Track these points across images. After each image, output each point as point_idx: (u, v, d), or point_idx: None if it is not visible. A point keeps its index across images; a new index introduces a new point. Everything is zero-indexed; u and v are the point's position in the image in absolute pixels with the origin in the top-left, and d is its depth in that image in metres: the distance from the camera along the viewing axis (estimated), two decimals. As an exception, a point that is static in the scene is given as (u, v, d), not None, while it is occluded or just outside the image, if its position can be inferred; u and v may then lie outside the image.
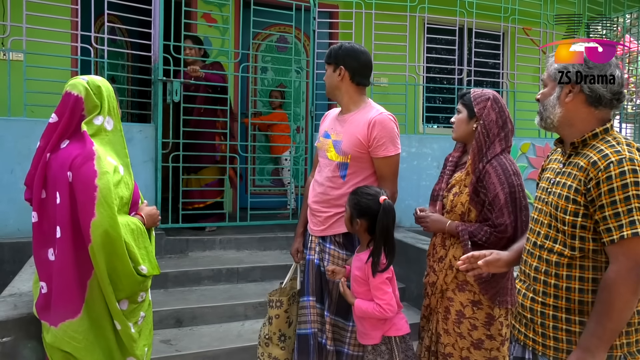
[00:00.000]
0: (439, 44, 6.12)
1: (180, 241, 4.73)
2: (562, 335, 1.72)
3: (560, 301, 1.72)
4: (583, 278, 1.69)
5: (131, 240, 2.11)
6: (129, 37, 5.76)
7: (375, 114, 2.55)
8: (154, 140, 4.61)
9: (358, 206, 2.41)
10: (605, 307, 1.59)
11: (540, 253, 1.78)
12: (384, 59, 5.61)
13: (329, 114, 2.83)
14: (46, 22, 4.41)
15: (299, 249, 2.82)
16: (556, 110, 1.76)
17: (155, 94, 4.72)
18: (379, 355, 2.43)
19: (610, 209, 1.59)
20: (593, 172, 1.63)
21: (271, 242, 4.99)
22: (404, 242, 4.54)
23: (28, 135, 4.01)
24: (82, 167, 2.02)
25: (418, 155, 5.51)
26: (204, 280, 4.32)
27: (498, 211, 2.35)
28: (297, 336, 2.69)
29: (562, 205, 1.70)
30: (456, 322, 2.45)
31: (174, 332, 3.68)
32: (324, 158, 2.66)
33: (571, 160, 1.75)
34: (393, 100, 6.00)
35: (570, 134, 1.77)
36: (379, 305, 2.35)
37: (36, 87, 4.38)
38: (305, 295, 2.65)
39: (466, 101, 2.52)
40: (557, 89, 1.76)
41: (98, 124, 2.17)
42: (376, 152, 2.55)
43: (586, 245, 1.67)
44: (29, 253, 3.71)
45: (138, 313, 2.26)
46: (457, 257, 2.45)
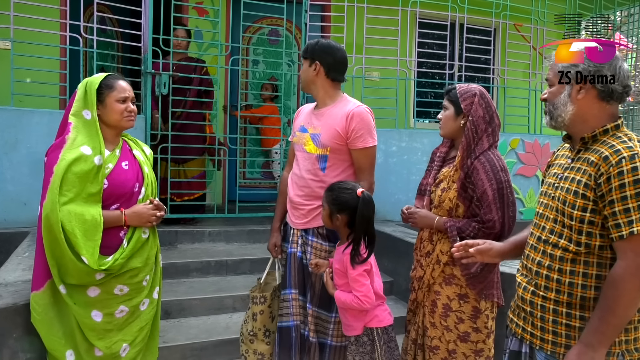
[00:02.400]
0: (431, 38, 6.12)
1: (169, 233, 4.72)
2: (561, 329, 1.72)
3: (562, 296, 1.72)
4: (587, 274, 1.68)
5: (78, 230, 2.14)
6: (119, 27, 5.72)
7: (353, 107, 2.60)
8: (143, 132, 4.58)
9: (337, 201, 2.43)
10: (610, 303, 1.58)
11: (545, 247, 1.78)
12: (375, 53, 5.61)
13: (302, 109, 2.86)
14: (34, 10, 4.36)
15: (277, 243, 2.84)
16: (568, 108, 1.75)
17: (145, 85, 4.69)
18: (361, 346, 2.46)
19: (620, 204, 1.58)
20: (604, 167, 1.62)
21: (260, 235, 4.98)
22: (393, 236, 4.55)
23: (15, 125, 3.97)
24: (51, 154, 2.21)
25: (408, 149, 5.52)
26: (192, 273, 4.31)
27: (486, 207, 2.37)
28: (278, 329, 2.70)
29: (570, 199, 1.70)
30: (443, 316, 2.47)
31: (161, 324, 3.61)
32: (301, 152, 2.69)
33: (580, 155, 1.75)
34: (384, 94, 6.00)
35: (582, 130, 1.76)
36: (356, 297, 2.38)
37: (24, 76, 4.34)
38: (288, 288, 2.68)
39: (452, 97, 2.51)
40: (567, 87, 1.75)
41: (86, 117, 2.29)
42: (354, 144, 2.59)
43: (592, 241, 1.67)
44: (15, 243, 3.69)
45: (113, 304, 2.30)
46: (444, 252, 2.47)
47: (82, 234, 2.15)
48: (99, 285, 2.26)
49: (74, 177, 2.16)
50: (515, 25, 6.39)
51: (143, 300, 2.42)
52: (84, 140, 2.23)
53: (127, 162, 2.39)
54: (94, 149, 2.24)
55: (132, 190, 2.36)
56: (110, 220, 2.27)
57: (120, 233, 2.32)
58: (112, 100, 2.32)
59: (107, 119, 2.33)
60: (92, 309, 2.26)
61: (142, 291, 2.40)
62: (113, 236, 2.29)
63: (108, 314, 2.30)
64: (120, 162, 2.36)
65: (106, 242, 2.24)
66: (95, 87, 2.30)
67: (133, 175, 2.38)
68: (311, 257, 2.64)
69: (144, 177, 2.44)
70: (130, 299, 2.35)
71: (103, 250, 2.24)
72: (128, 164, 2.39)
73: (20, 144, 4.03)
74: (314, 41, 2.70)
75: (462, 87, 2.53)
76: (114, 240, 2.29)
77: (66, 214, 2.13)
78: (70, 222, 2.13)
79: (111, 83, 2.35)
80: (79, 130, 2.25)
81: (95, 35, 4.46)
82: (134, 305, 2.37)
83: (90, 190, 2.20)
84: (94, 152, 2.23)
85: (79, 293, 2.25)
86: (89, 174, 2.19)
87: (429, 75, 6.96)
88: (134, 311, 2.38)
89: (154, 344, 2.57)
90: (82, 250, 2.14)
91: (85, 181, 2.19)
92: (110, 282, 2.28)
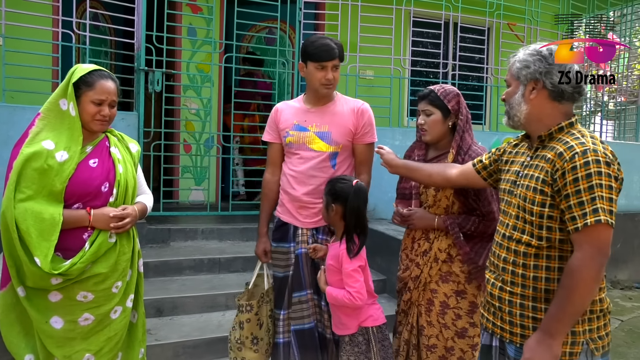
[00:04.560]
0: (425, 37, 6.13)
1: (162, 231, 4.70)
2: (528, 322, 1.78)
3: (528, 290, 1.78)
4: (550, 267, 1.75)
5: (33, 229, 1.99)
6: (112, 23, 5.69)
7: (359, 104, 2.72)
8: (136, 129, 4.56)
9: (332, 191, 2.46)
10: (567, 292, 1.65)
11: (509, 244, 1.84)
12: (369, 52, 5.61)
13: (284, 108, 2.77)
14: (26, 5, 4.33)
15: (267, 249, 2.79)
16: (522, 108, 1.83)
17: (138, 82, 4.67)
18: (356, 345, 2.45)
19: (575, 198, 1.65)
20: (559, 163, 1.69)
21: (254, 233, 4.90)
22: (386, 234, 4.56)
23: (6, 121, 3.93)
24: (14, 149, 2.11)
25: (402, 148, 5.44)
26: (185, 270, 4.30)
27: (484, 200, 2.42)
28: (299, 332, 2.65)
29: (530, 196, 1.77)
30: (440, 313, 2.48)
31: (154, 322, 3.66)
32: (306, 150, 2.65)
33: (538, 153, 1.82)
34: (378, 93, 6.00)
35: (537, 129, 1.84)
36: (349, 292, 2.37)
37: (16, 73, 4.31)
38: (304, 290, 2.65)
39: (436, 101, 2.51)
40: (521, 87, 1.83)
41: (62, 107, 2.14)
42: (363, 139, 2.69)
43: (553, 235, 1.74)
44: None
45: (76, 311, 2.14)
46: (442, 250, 2.49)
47: (37, 233, 2.00)
48: (60, 290, 2.10)
49: (34, 173, 2.02)
50: (509, 25, 6.41)
51: (114, 308, 2.23)
52: (48, 135, 2.09)
53: (96, 159, 2.20)
54: (58, 144, 2.09)
55: (97, 190, 2.17)
56: (73, 219, 2.10)
57: (84, 235, 2.14)
58: (87, 99, 2.15)
59: (80, 116, 2.15)
60: (52, 315, 2.11)
61: (112, 299, 2.21)
62: (75, 238, 2.12)
63: (70, 321, 2.13)
64: (87, 159, 2.18)
65: (68, 244, 2.09)
66: (74, 78, 2.13)
67: (101, 173, 2.18)
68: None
69: (116, 177, 2.23)
70: (97, 306, 2.17)
71: (64, 252, 2.08)
72: (97, 161, 2.20)
73: (12, 140, 3.92)
74: (303, 43, 2.71)
75: (439, 89, 2.55)
76: (76, 242, 2.12)
77: (22, 211, 1.99)
78: (25, 221, 1.99)
79: (91, 81, 2.16)
80: (46, 122, 2.12)
81: (88, 31, 4.43)
82: (101, 313, 2.18)
83: (52, 187, 2.05)
84: (57, 147, 2.08)
85: (39, 297, 2.10)
86: (50, 171, 2.04)
87: (423, 74, 6.97)
88: (103, 319, 2.20)
89: (133, 354, 2.38)
90: (35, 250, 1.99)
91: (46, 178, 2.04)
92: (72, 287, 2.11)
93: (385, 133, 5.45)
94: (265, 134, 2.82)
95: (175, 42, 5.65)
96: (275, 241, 2.78)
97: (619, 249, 6.47)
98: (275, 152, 2.79)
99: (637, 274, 6.64)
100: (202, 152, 5.86)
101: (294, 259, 2.69)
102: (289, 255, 2.71)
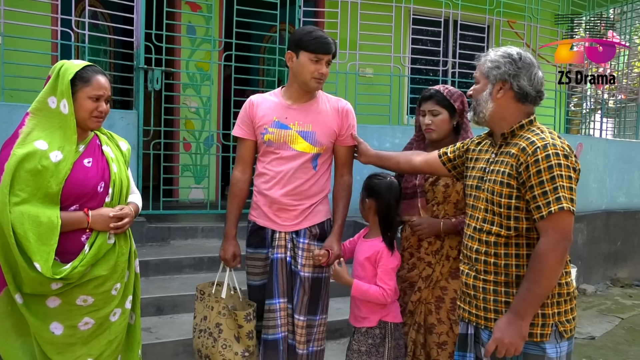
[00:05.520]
0: (424, 35, 6.12)
1: (162, 229, 4.70)
2: (502, 307, 1.89)
3: (500, 277, 1.90)
4: (519, 255, 1.88)
5: (31, 234, 1.92)
6: (111, 22, 5.68)
7: (343, 103, 2.61)
8: (136, 128, 4.56)
9: (369, 186, 2.54)
10: (535, 276, 1.78)
11: (480, 236, 1.95)
12: (369, 50, 5.61)
13: (262, 102, 2.56)
14: (25, 4, 4.32)
15: (237, 252, 2.60)
16: (488, 105, 1.95)
17: (137, 81, 4.66)
18: (371, 337, 2.46)
19: (538, 188, 1.78)
20: (523, 157, 1.82)
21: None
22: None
23: (6, 120, 3.92)
24: (3, 149, 2.01)
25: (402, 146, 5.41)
26: (185, 269, 4.30)
27: None
28: (263, 342, 2.50)
29: (497, 189, 1.89)
30: (451, 310, 2.49)
31: (154, 320, 3.67)
32: (287, 150, 2.49)
33: (502, 150, 1.95)
34: (378, 90, 6.00)
35: (500, 126, 1.96)
36: (383, 289, 2.40)
37: (15, 71, 4.30)
38: (275, 298, 2.49)
39: (443, 102, 2.54)
40: (489, 86, 1.95)
41: (51, 105, 2.06)
42: (346, 141, 2.60)
43: (520, 225, 1.86)
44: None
45: (76, 316, 2.08)
46: (452, 247, 2.51)
47: (35, 237, 1.92)
48: (58, 295, 2.03)
49: (27, 174, 1.94)
50: (509, 22, 6.40)
51: (114, 311, 2.17)
52: (40, 135, 2.01)
53: (90, 159, 2.13)
54: (52, 144, 2.01)
55: (94, 190, 2.10)
56: (71, 222, 2.03)
57: (82, 237, 2.07)
58: (84, 95, 2.07)
59: (75, 114, 2.07)
60: (51, 321, 2.04)
61: (111, 301, 2.16)
62: (74, 240, 2.05)
63: (70, 326, 2.06)
64: (82, 158, 2.11)
65: (66, 247, 2.02)
66: (69, 75, 2.05)
67: (96, 173, 2.12)
68: (302, 260, 2.51)
69: (111, 176, 2.16)
70: (97, 309, 2.11)
71: (62, 256, 2.01)
72: (92, 161, 2.13)
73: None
74: (295, 31, 2.57)
75: (444, 89, 2.60)
76: (74, 245, 2.05)
77: (18, 215, 1.91)
78: (22, 225, 1.91)
79: (88, 76, 2.09)
80: (36, 122, 2.04)
81: (87, 30, 4.42)
82: (101, 316, 2.13)
83: (48, 189, 1.97)
84: (50, 147, 2.00)
85: (37, 303, 2.02)
86: (45, 172, 1.96)
87: (423, 72, 6.97)
88: (102, 323, 2.14)
89: (132, 356, 2.33)
90: (35, 255, 1.91)
91: (41, 180, 1.96)
92: (71, 291, 2.05)
93: (385, 131, 5.44)
94: (237, 128, 2.59)
95: (175, 40, 5.63)
96: (251, 247, 2.61)
97: (619, 247, 6.47)
98: (247, 149, 2.59)
99: (638, 272, 6.64)
100: (202, 150, 5.85)
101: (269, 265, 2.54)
102: (266, 261, 2.56)
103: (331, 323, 3.96)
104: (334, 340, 3.91)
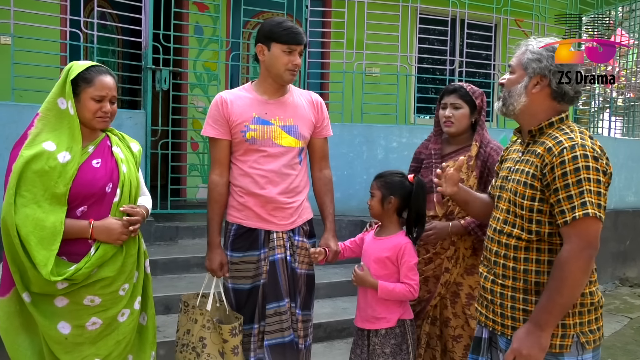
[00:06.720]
0: (432, 34, 6.11)
1: (169, 228, 4.72)
2: (519, 315, 1.79)
3: (518, 282, 1.80)
4: (539, 260, 1.77)
5: (32, 237, 1.92)
6: (119, 22, 5.71)
7: (314, 95, 2.61)
8: (144, 127, 4.58)
9: (390, 185, 2.47)
10: (557, 284, 1.67)
11: (500, 238, 1.86)
12: (376, 49, 5.60)
13: (235, 99, 2.46)
14: (35, 5, 4.36)
15: (224, 261, 2.49)
16: (521, 99, 1.82)
17: (145, 81, 4.69)
18: (393, 337, 2.44)
19: (563, 192, 1.67)
20: (548, 158, 1.71)
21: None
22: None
23: (16, 120, 3.96)
24: (13, 150, 2.03)
25: (409, 145, 5.50)
26: (193, 268, 4.30)
27: None
28: (272, 347, 2.42)
29: (520, 190, 1.78)
30: (466, 305, 2.55)
31: (162, 319, 3.68)
32: (273, 147, 2.42)
33: (529, 148, 1.84)
34: (384, 90, 6.00)
35: (529, 123, 1.85)
36: (410, 285, 2.41)
37: (25, 72, 4.34)
38: (282, 299, 2.42)
39: (465, 97, 2.61)
40: (525, 79, 1.81)
41: (61, 106, 2.06)
42: (323, 133, 2.60)
43: (542, 229, 1.75)
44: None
45: (84, 316, 2.08)
46: (467, 247, 2.55)
47: (36, 241, 1.92)
48: (66, 295, 2.03)
49: (34, 175, 1.95)
50: (516, 21, 6.38)
51: (122, 311, 2.16)
52: (48, 136, 2.02)
53: (99, 159, 2.12)
54: (60, 145, 2.01)
55: (102, 191, 2.09)
56: (74, 230, 2.02)
57: (89, 239, 2.07)
58: (87, 96, 2.07)
59: (80, 115, 2.08)
60: (59, 320, 2.04)
61: (119, 301, 2.14)
62: (81, 242, 2.05)
63: (78, 326, 2.06)
64: (90, 159, 2.10)
65: (72, 249, 2.03)
66: (71, 76, 2.06)
67: (105, 174, 2.11)
68: (298, 257, 2.50)
69: (120, 177, 2.15)
70: (105, 310, 2.10)
71: (70, 256, 2.02)
72: (100, 161, 2.12)
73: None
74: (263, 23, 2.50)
75: (466, 86, 2.67)
76: (81, 246, 2.05)
77: (23, 217, 1.92)
78: (25, 227, 1.92)
79: (90, 77, 2.08)
80: (46, 122, 2.04)
81: (96, 30, 4.46)
82: (109, 316, 2.12)
83: (55, 190, 1.97)
84: (58, 148, 2.00)
85: (45, 302, 2.03)
86: (52, 173, 1.96)
87: (430, 71, 6.96)
88: (111, 323, 2.13)
89: (144, 357, 2.31)
90: (35, 259, 1.92)
91: (48, 181, 1.96)
92: (78, 291, 2.05)
93: (392, 130, 5.44)
94: (209, 128, 2.46)
95: (182, 40, 5.66)
96: (239, 251, 2.48)
97: (628, 246, 6.43)
98: (223, 149, 2.48)
99: (646, 271, 6.60)
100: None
101: (266, 267, 2.44)
102: (259, 263, 2.45)
103: (338, 322, 4.00)
104: (341, 340, 3.92)
